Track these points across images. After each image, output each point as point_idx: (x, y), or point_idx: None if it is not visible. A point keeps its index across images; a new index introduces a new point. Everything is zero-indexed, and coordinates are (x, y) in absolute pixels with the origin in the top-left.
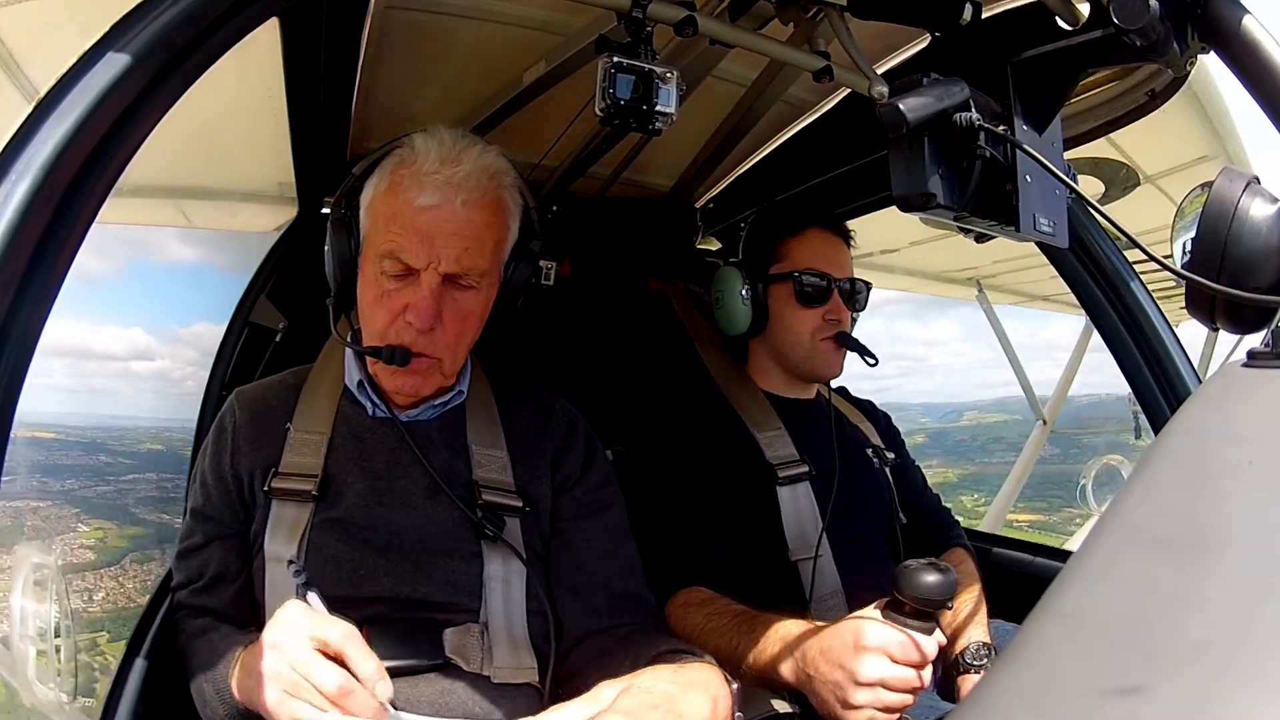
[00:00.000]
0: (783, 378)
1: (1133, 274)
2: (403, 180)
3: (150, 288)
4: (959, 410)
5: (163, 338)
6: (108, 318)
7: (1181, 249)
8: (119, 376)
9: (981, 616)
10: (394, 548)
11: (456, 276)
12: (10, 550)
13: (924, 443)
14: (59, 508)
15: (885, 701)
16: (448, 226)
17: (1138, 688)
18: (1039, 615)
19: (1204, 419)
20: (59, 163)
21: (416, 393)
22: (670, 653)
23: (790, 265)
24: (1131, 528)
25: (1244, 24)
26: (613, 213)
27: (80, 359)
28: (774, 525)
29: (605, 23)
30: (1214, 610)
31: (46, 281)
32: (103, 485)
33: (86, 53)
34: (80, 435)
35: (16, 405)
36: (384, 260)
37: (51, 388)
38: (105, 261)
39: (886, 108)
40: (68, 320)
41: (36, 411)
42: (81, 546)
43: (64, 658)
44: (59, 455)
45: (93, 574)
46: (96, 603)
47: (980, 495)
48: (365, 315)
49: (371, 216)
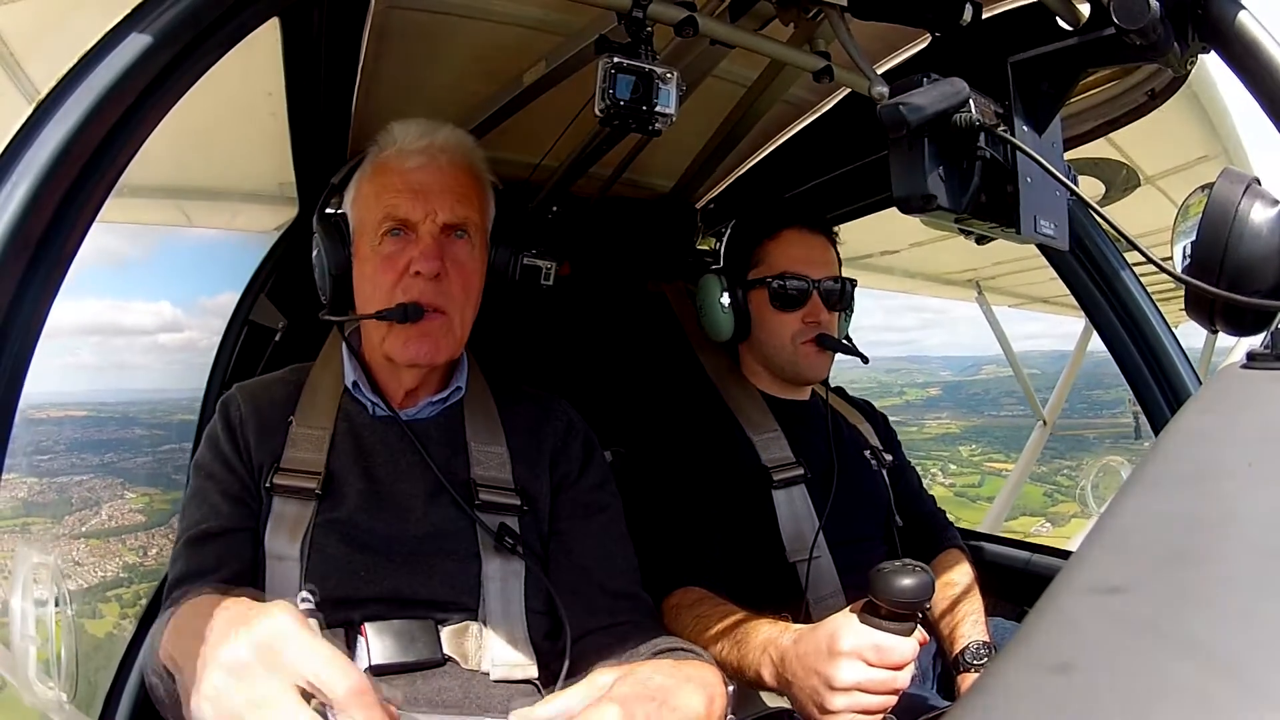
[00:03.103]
0: (774, 380)
1: (1133, 276)
2: (387, 160)
3: (176, 259)
4: (979, 364)
5: (190, 310)
6: (135, 293)
7: (1182, 253)
8: (148, 351)
9: (980, 616)
10: (394, 549)
11: (453, 227)
12: (60, 520)
13: (937, 395)
14: (102, 479)
15: (863, 705)
16: (438, 181)
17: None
18: (1038, 614)
19: (1204, 420)
20: (59, 163)
21: (431, 360)
22: (670, 650)
23: (767, 270)
24: (1131, 528)
25: (1244, 24)
26: (613, 213)
27: (108, 336)
28: (770, 527)
29: (605, 23)
30: (1214, 612)
31: (47, 281)
32: (141, 456)
33: (87, 53)
34: (113, 411)
35: (17, 405)
36: (382, 224)
37: (80, 366)
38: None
39: (887, 108)
40: (94, 300)
41: (67, 392)
42: (131, 510)
43: (64, 657)
44: (93, 431)
45: (144, 534)
46: (151, 557)
47: (977, 446)
48: (368, 290)
49: (359, 205)
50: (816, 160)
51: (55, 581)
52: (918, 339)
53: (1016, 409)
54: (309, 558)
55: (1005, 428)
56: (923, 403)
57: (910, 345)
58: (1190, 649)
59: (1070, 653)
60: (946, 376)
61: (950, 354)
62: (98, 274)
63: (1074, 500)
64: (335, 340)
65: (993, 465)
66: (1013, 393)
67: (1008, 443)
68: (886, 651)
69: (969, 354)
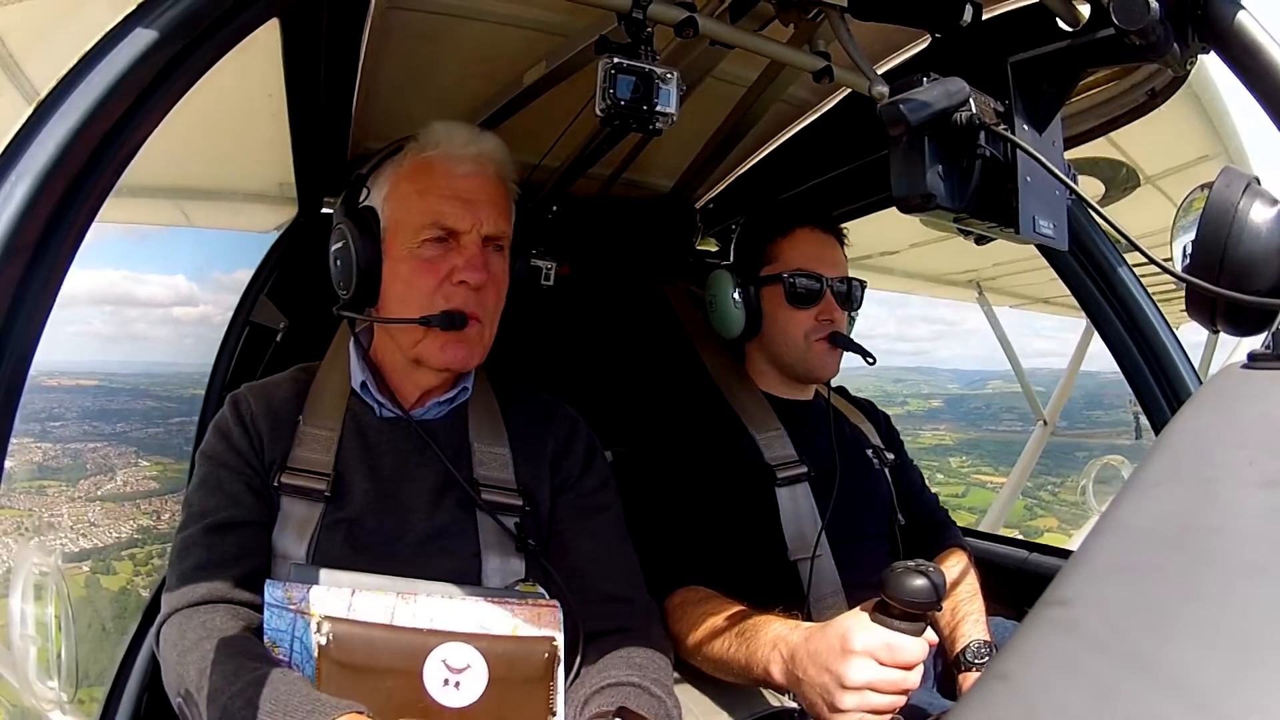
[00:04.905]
0: (780, 379)
1: (1133, 276)
2: (432, 161)
3: (196, 234)
4: (985, 378)
5: (205, 284)
6: (151, 265)
7: (1182, 251)
8: (161, 323)
9: (981, 615)
10: (397, 551)
11: (494, 239)
12: (75, 484)
13: (939, 407)
14: (115, 447)
15: (873, 704)
16: (485, 192)
17: (1135, 690)
18: (1038, 614)
19: (1204, 421)
20: (59, 163)
21: (464, 366)
22: (614, 685)
23: (781, 266)
24: (1131, 528)
25: (1244, 24)
26: (613, 213)
27: (121, 306)
28: (773, 525)
29: (605, 23)
30: (1213, 611)
31: (47, 281)
32: (153, 427)
33: (87, 53)
34: (124, 382)
35: (18, 405)
36: (424, 230)
37: (94, 335)
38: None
39: (887, 107)
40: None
41: (79, 360)
42: (145, 478)
43: (65, 656)
44: (105, 400)
45: (159, 499)
46: (164, 521)
47: (968, 458)
48: (400, 291)
49: (395, 202)
50: (816, 160)
51: (56, 582)
52: (929, 349)
53: (1014, 424)
54: (314, 559)
55: (998, 441)
56: (923, 413)
57: (921, 355)
58: (1188, 650)
59: (1069, 653)
60: (952, 389)
61: (960, 366)
62: (118, 244)
63: (1054, 515)
64: (341, 340)
65: (979, 477)
66: (1013, 408)
67: (998, 456)
68: (898, 651)
69: (978, 367)
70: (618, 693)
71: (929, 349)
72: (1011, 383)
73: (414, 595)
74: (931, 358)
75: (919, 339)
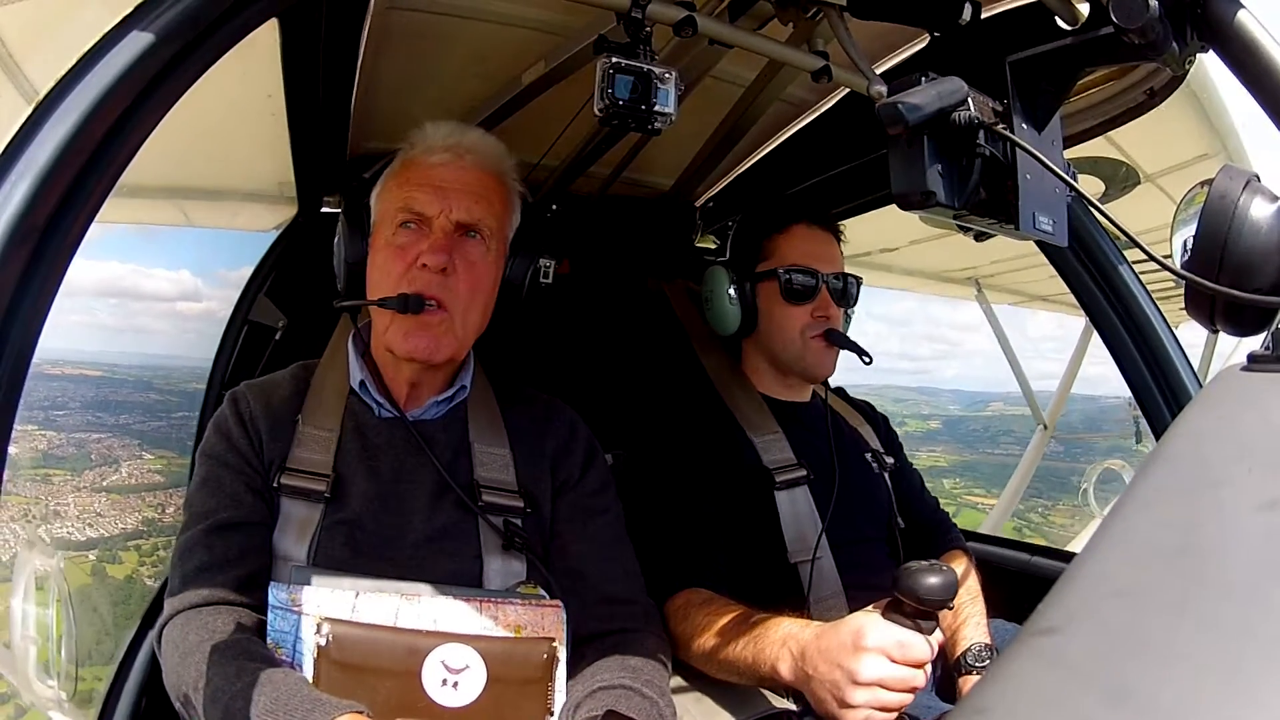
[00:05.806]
0: (778, 379)
1: (1133, 274)
2: (413, 157)
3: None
4: (987, 400)
5: (209, 280)
6: (158, 260)
7: (1181, 247)
8: (164, 317)
9: (981, 618)
10: (397, 552)
11: (466, 226)
12: (80, 474)
13: (937, 428)
14: (119, 438)
15: (883, 701)
16: (458, 179)
17: (1134, 693)
18: (1022, 642)
19: (1204, 424)
20: (59, 163)
21: (429, 355)
22: (605, 689)
23: (776, 262)
24: (1132, 532)
25: (1244, 23)
26: (612, 212)
27: (127, 299)
28: (773, 528)
29: (604, 23)
30: (1213, 616)
31: (46, 281)
32: (156, 420)
33: (86, 53)
34: (127, 374)
35: (18, 405)
36: (397, 216)
37: (99, 326)
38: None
39: (885, 106)
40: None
41: (83, 350)
42: (149, 470)
43: (65, 656)
44: (108, 392)
45: (163, 492)
46: (168, 515)
47: (961, 480)
48: (377, 279)
49: (382, 198)
50: (815, 159)
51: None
52: (932, 369)
53: (1012, 446)
54: (315, 560)
55: (993, 464)
56: (921, 434)
57: (924, 375)
58: (1188, 654)
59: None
60: (953, 410)
61: (961, 387)
62: (126, 240)
63: (1041, 536)
64: (341, 338)
65: (971, 498)
66: (1011, 431)
67: (991, 479)
68: (910, 649)
69: (980, 389)
70: (608, 696)
71: (932, 368)
72: (1012, 405)
73: (418, 596)
74: (934, 377)
75: (922, 358)
